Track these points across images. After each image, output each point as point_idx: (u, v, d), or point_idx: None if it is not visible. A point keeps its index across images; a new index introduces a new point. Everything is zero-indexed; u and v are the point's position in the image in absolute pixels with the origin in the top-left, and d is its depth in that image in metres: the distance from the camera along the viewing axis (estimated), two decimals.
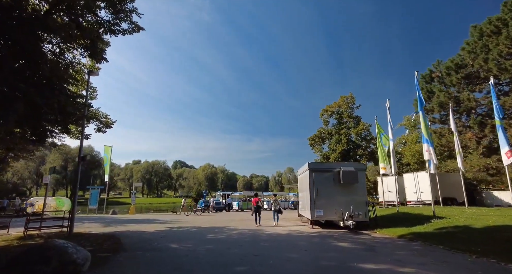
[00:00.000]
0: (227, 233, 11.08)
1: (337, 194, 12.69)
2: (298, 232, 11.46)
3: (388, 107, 17.23)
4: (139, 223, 16.71)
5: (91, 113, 15.07)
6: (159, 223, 16.98)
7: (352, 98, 33.07)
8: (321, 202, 12.61)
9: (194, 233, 11.44)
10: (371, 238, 9.53)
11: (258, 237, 10.04)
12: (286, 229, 12.61)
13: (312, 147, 34.62)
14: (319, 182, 12.84)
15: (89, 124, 15.77)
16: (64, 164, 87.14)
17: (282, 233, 10.96)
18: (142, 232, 11.95)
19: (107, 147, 33.19)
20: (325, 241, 9.07)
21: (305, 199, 14.10)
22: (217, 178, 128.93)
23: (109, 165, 33.23)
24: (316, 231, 11.79)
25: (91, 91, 15.40)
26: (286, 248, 7.75)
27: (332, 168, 13.07)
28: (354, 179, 12.50)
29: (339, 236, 10.18)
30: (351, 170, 12.64)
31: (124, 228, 13.56)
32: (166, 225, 14.92)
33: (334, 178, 12.83)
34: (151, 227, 13.90)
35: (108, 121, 15.95)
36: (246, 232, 11.56)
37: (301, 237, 10.00)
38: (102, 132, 16.00)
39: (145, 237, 10.36)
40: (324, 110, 33.97)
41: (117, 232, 11.79)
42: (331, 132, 33.43)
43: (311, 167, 13.09)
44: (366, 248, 7.65)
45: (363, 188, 12.79)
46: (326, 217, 12.58)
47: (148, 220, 19.85)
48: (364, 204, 12.56)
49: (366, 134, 31.33)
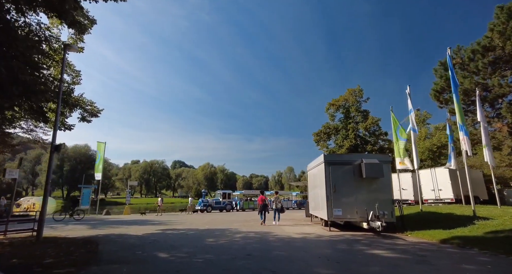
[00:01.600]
0: (230, 237, 9.23)
1: (358, 190, 10.87)
2: (314, 235, 9.62)
3: (408, 93, 15.40)
4: (130, 225, 14.86)
5: (73, 99, 13.22)
6: (153, 224, 15.12)
7: (360, 91, 31.25)
8: (340, 200, 10.78)
9: (190, 237, 9.59)
10: (408, 244, 7.69)
11: (268, 242, 8.20)
12: (298, 231, 10.77)
13: (317, 143, 32.79)
14: (337, 176, 11.01)
15: (72, 112, 13.94)
16: (60, 163, 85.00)
17: (296, 237, 9.12)
18: (129, 236, 10.09)
19: (100, 144, 31.32)
20: (354, 247, 7.22)
21: (319, 197, 12.27)
22: (217, 178, 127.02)
23: (102, 163, 31.30)
24: (335, 234, 9.95)
25: (73, 75, 13.54)
26: (309, 259, 5.91)
27: (352, 160, 11.23)
28: (379, 173, 10.67)
29: (367, 240, 8.34)
30: (374, 162, 10.81)
31: (110, 231, 11.70)
32: (160, 227, 13.07)
33: (354, 171, 11.00)
34: (142, 230, 12.05)
35: (94, 109, 14.08)
36: (253, 235, 9.71)
37: (322, 243, 8.17)
38: (87, 121, 14.12)
39: (131, 242, 8.51)
40: (330, 104, 32.11)
41: (99, 236, 9.94)
42: (338, 127, 31.58)
43: (327, 159, 11.25)
44: (415, 259, 5.81)
45: (388, 183, 10.95)
46: (346, 218, 10.75)
47: (142, 221, 17.99)
48: (390, 202, 10.73)
49: (376, 129, 29.54)
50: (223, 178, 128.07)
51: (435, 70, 19.90)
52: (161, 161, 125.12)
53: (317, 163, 12.56)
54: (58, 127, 10.77)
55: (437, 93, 19.64)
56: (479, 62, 16.10)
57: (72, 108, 13.60)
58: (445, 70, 19.15)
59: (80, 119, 13.96)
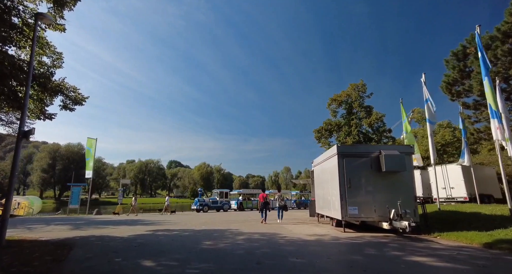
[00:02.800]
0: (232, 239, 7.84)
1: (376, 186, 9.55)
2: (329, 237, 8.27)
3: (424, 82, 14.15)
4: (118, 225, 13.40)
5: (53, 83, 11.73)
6: (143, 224, 13.68)
7: (363, 85, 30.01)
8: (355, 197, 9.45)
9: (184, 240, 8.18)
10: (449, 249, 6.36)
11: (278, 245, 6.83)
12: (308, 232, 9.42)
13: (318, 141, 31.43)
14: (352, 170, 9.68)
15: (52, 99, 12.44)
16: (52, 162, 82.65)
17: (310, 239, 7.76)
18: (113, 238, 8.64)
19: (90, 140, 29.71)
20: (386, 253, 5.88)
21: (329, 194, 10.94)
22: (213, 177, 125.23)
23: (93, 160, 29.68)
24: (353, 235, 8.61)
25: (54, 57, 12.03)
26: (339, 269, 4.55)
27: (369, 152, 9.91)
28: (400, 166, 9.36)
29: (396, 244, 7.00)
30: (395, 153, 9.49)
31: (93, 232, 10.24)
32: (150, 228, 11.63)
33: (371, 165, 9.68)
34: (130, 230, 10.61)
35: (78, 96, 12.58)
36: (258, 237, 8.33)
37: (343, 246, 6.81)
38: (70, 109, 12.62)
39: (112, 245, 7.09)
40: (332, 100, 30.83)
41: (77, 238, 8.50)
42: (340, 124, 30.30)
43: (341, 151, 9.91)
44: (475, 270, 4.48)
45: (411, 177, 9.65)
46: (362, 217, 9.41)
47: (132, 221, 16.51)
48: (413, 199, 9.43)
49: (380, 125, 28.35)
50: (219, 178, 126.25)
51: (447, 61, 18.73)
52: (156, 161, 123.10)
53: (328, 156, 11.22)
54: (27, 109, 9.39)
55: (449, 85, 18.50)
56: (498, 50, 14.98)
57: (53, 94, 12.12)
58: (458, 61, 18.00)
59: (62, 107, 12.44)
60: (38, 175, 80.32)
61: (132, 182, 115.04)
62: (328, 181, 11.33)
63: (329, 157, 10.93)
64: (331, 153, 10.55)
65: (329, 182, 11.18)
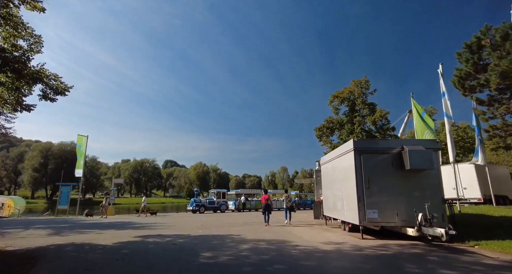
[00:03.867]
0: (235, 250, 6.59)
1: (399, 186, 8.39)
2: (349, 246, 7.04)
3: (441, 73, 13.08)
4: (105, 229, 12.07)
5: (30, 70, 10.37)
6: (134, 228, 12.37)
7: (366, 82, 28.91)
8: (375, 199, 8.26)
9: (178, 250, 6.90)
10: (505, 265, 5.17)
11: (294, 260, 5.59)
12: (321, 239, 8.20)
13: (319, 139, 30.27)
14: (370, 168, 8.49)
15: (31, 88, 11.07)
16: (44, 161, 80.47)
17: (327, 249, 6.53)
18: (94, 246, 7.34)
19: (81, 137, 28.26)
20: (434, 271, 4.66)
21: (343, 195, 9.75)
22: (209, 177, 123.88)
23: (84, 158, 28.20)
24: (375, 244, 7.40)
25: (31, 40, 10.65)
26: None
27: (390, 147, 8.73)
28: (427, 163, 8.19)
29: (434, 256, 5.80)
30: (421, 149, 8.32)
31: (74, 238, 8.92)
32: (140, 232, 10.32)
33: (393, 162, 8.51)
34: (116, 236, 9.30)
35: (60, 85, 11.22)
36: (265, 245, 7.09)
37: (372, 260, 5.58)
38: (50, 100, 11.28)
39: (90, 259, 5.80)
40: (334, 96, 29.67)
41: (52, 248, 7.19)
42: (342, 121, 29.17)
43: (358, 146, 8.71)
44: None
45: (438, 176, 8.50)
46: (383, 222, 8.22)
47: (122, 223, 15.19)
48: (441, 201, 8.29)
49: (384, 122, 27.29)
50: (216, 178, 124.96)
51: (459, 54, 17.69)
52: (152, 160, 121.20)
53: (341, 153, 10.00)
54: None
55: (461, 79, 17.43)
56: None
57: (30, 83, 10.76)
58: (472, 53, 16.94)
59: (41, 97, 11.09)
60: (29, 174, 78.17)
61: (127, 182, 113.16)
62: (340, 181, 10.13)
63: (343, 154, 9.72)
64: (346, 149, 9.35)
65: (341, 182, 9.98)
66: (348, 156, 9.10)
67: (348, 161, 9.08)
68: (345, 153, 9.43)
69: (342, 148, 10.00)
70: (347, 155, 9.26)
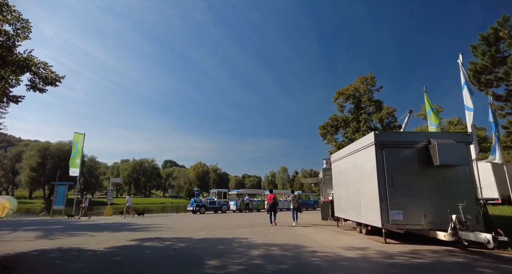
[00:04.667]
0: (245, 257, 5.68)
1: (426, 184, 7.50)
2: (375, 253, 6.14)
3: (461, 63, 12.17)
4: (99, 231, 11.17)
5: (15, 57, 9.48)
6: (130, 230, 11.45)
7: (372, 78, 28.01)
8: (399, 199, 7.38)
9: (179, 257, 6.00)
10: None
11: (316, 270, 4.68)
12: (339, 243, 7.30)
13: (323, 137, 29.35)
14: (393, 164, 7.61)
15: (18, 77, 10.16)
16: (42, 161, 79.43)
17: (352, 257, 5.63)
18: (83, 252, 6.43)
19: (78, 135, 27.33)
20: None
21: (361, 194, 8.85)
22: (209, 177, 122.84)
23: (80, 157, 27.25)
24: (403, 250, 6.50)
25: (17, 25, 9.74)
26: None
27: (415, 141, 7.84)
28: (458, 158, 7.31)
29: (484, 267, 4.91)
30: (450, 142, 7.44)
31: (62, 242, 8.01)
32: (137, 235, 9.41)
33: (418, 157, 7.63)
34: (110, 240, 8.39)
35: (50, 75, 10.32)
36: (279, 252, 6.18)
37: (409, 271, 4.68)
38: (40, 90, 10.39)
39: (73, 269, 4.88)
40: (339, 94, 28.75)
41: (34, 254, 6.28)
42: (347, 119, 28.27)
43: (380, 139, 7.81)
44: None
45: (471, 174, 7.60)
46: (408, 224, 7.33)
47: (118, 225, 14.28)
48: (474, 201, 7.40)
49: (391, 120, 26.43)
50: (215, 178, 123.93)
51: (474, 47, 16.82)
52: (151, 160, 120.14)
53: (357, 148, 9.11)
54: None
55: (477, 73, 16.60)
56: None
57: (17, 71, 9.85)
58: (489, 46, 16.08)
59: (30, 87, 10.19)
60: (26, 174, 77.09)
61: (126, 182, 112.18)
62: (357, 179, 9.23)
63: (361, 149, 8.83)
64: (365, 143, 8.45)
65: (358, 180, 9.09)
66: (368, 151, 8.21)
67: (368, 157, 8.19)
68: (364, 148, 8.54)
69: (360, 142, 9.11)
70: (366, 150, 8.37)
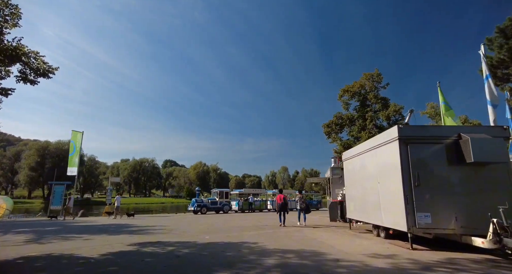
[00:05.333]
0: (260, 268, 4.91)
1: (457, 183, 6.74)
2: (406, 261, 5.37)
3: (483, 54, 11.44)
4: (95, 233, 10.41)
5: (4, 46, 8.72)
6: (128, 232, 10.69)
7: (379, 75, 27.24)
8: (426, 200, 6.62)
9: (182, 266, 5.24)
10: None
11: None
12: (360, 249, 6.54)
13: (328, 136, 28.59)
14: (419, 161, 6.85)
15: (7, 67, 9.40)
16: (41, 160, 78.65)
17: (383, 267, 4.87)
18: (74, 260, 5.67)
19: (76, 133, 26.52)
20: None
21: (380, 194, 8.09)
22: (209, 177, 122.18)
23: (79, 156, 26.50)
24: (437, 258, 5.74)
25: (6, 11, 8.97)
26: None
27: (443, 136, 7.08)
28: (496, 155, 6.54)
29: None
30: (485, 137, 6.68)
31: (53, 248, 7.26)
32: (135, 239, 8.66)
33: (448, 154, 6.86)
34: (105, 244, 7.63)
35: (42, 65, 9.57)
36: (296, 260, 5.42)
37: None
38: (30, 82, 9.65)
39: None
40: (344, 91, 27.94)
41: (20, 262, 5.52)
42: (352, 117, 27.51)
43: (404, 134, 7.04)
44: None
45: (509, 172, 6.84)
46: (438, 228, 6.57)
47: (116, 226, 13.52)
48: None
49: (398, 118, 25.66)
50: (216, 178, 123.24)
51: (490, 41, 16.04)
52: (151, 160, 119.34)
53: (378, 144, 8.33)
54: None
55: (493, 67, 15.83)
56: None
57: (6, 62, 9.09)
58: (506, 38, 15.32)
59: (20, 79, 9.45)
60: (25, 173, 76.32)
61: (126, 181, 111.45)
62: (375, 178, 8.46)
63: (381, 145, 8.06)
64: (387, 138, 7.67)
65: (377, 179, 8.32)
66: (390, 147, 7.44)
67: (390, 153, 7.42)
68: (385, 143, 7.77)
69: (379, 138, 8.33)
70: (387, 146, 7.60)
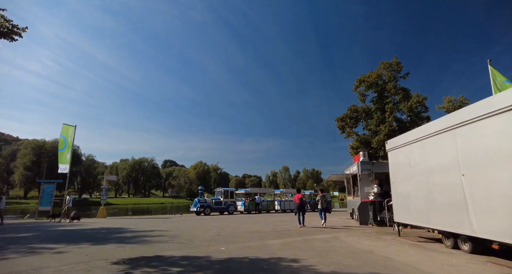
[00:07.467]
0: None
1: None
2: None
3: None
4: (76, 242, 8.10)
5: None
6: (118, 241, 8.37)
7: (398, 63, 24.87)
8: None
9: None
10: None
11: None
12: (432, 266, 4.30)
13: (341, 131, 26.19)
14: None
15: None
16: (37, 159, 76.23)
17: None
18: None
19: (67, 127, 24.29)
20: None
21: (465, 191, 5.82)
22: (210, 177, 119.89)
23: (71, 151, 24.24)
24: None
25: None
26: None
27: None
28: None
29: None
30: None
31: (6, 268, 4.99)
32: (126, 251, 6.38)
33: None
34: (82, 261, 5.35)
35: (4, 24, 7.32)
36: None
37: None
38: None
39: None
40: (360, 81, 25.51)
41: None
42: (369, 110, 25.20)
43: None
44: None
45: None
46: None
47: (106, 232, 11.23)
48: None
49: (422, 109, 23.34)
50: (216, 178, 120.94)
51: None
52: (150, 159, 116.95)
53: (460, 122, 6.03)
54: None
55: None
56: None
57: None
58: None
59: None
60: (20, 173, 73.95)
61: (125, 181, 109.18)
62: (455, 168, 6.16)
63: (467, 122, 5.76)
64: (482, 111, 5.37)
65: (459, 169, 6.02)
66: (490, 123, 5.18)
67: (498, 130, 5.11)
68: (477, 119, 5.48)
69: (463, 113, 6.03)
70: (484, 122, 5.33)
